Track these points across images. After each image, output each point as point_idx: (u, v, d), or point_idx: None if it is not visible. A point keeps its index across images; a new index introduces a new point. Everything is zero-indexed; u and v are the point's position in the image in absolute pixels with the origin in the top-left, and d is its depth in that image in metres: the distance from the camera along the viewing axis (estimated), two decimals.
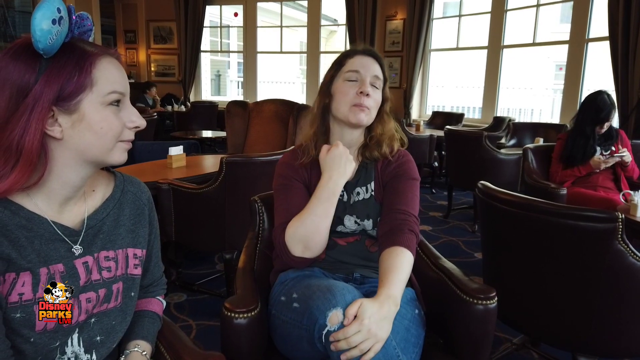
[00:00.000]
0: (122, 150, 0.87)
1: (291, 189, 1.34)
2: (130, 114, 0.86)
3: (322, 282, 1.14)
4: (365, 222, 1.33)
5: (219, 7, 8.98)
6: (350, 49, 1.41)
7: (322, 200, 1.26)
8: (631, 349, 1.57)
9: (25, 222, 0.82)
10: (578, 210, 1.49)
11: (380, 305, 1.02)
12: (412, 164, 1.40)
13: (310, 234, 1.24)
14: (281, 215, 1.31)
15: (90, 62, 0.80)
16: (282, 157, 1.43)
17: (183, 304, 2.59)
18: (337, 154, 1.30)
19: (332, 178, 1.28)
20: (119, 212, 0.96)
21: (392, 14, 7.27)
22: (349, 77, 1.34)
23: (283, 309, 1.19)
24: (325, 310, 1.03)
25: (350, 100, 1.32)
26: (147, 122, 4.35)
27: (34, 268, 0.81)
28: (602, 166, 2.73)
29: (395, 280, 1.10)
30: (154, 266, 1.08)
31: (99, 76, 0.81)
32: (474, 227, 4.00)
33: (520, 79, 9.65)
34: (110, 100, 0.83)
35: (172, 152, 3.02)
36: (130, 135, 0.87)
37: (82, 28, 0.83)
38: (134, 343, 0.99)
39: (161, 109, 7.60)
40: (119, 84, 0.84)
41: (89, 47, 0.82)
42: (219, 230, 2.45)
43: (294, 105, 4.23)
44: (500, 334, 2.26)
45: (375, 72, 1.35)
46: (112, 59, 0.85)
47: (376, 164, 1.39)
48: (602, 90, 2.83)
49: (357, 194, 1.37)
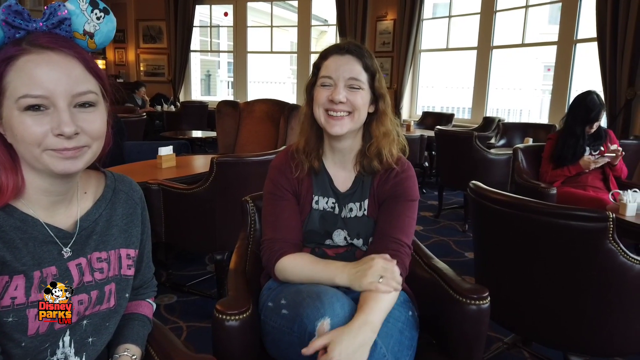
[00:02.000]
0: (56, 160, 0.77)
1: (281, 200, 1.29)
2: (60, 119, 0.75)
3: (312, 288, 1.12)
4: (355, 240, 1.29)
5: (209, 6, 8.94)
6: (327, 48, 1.28)
7: (323, 277, 1.16)
8: (622, 348, 1.58)
9: (20, 224, 0.80)
10: (569, 209, 1.49)
11: (355, 333, 0.98)
12: (411, 181, 1.30)
13: (298, 280, 1.21)
14: (268, 228, 1.29)
15: (6, 64, 0.74)
16: (276, 159, 1.37)
17: (173, 305, 2.57)
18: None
19: (346, 282, 1.13)
20: (111, 212, 0.94)
21: (382, 14, 7.29)
22: (323, 82, 1.23)
23: (272, 315, 1.18)
24: (314, 319, 1.02)
25: (324, 106, 1.22)
26: (137, 122, 4.31)
27: (28, 271, 0.80)
28: (592, 166, 2.76)
29: (376, 308, 1.04)
30: (145, 267, 1.07)
31: (13, 79, 0.74)
32: (464, 226, 4.02)
33: (509, 79, 9.71)
34: (25, 105, 0.74)
35: (161, 152, 3.00)
36: (58, 143, 0.76)
37: (52, 19, 0.78)
38: (123, 347, 0.98)
39: (151, 109, 7.54)
40: (38, 85, 0.74)
41: (26, 44, 0.75)
42: (210, 231, 2.43)
43: (285, 105, 4.21)
44: (492, 334, 2.26)
45: (352, 72, 1.21)
46: (39, 57, 0.75)
47: (373, 178, 1.30)
48: (591, 90, 2.85)
49: (349, 210, 1.30)
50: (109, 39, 0.87)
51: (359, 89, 1.22)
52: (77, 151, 0.78)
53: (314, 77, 1.28)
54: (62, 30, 0.80)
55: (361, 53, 1.23)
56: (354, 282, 1.10)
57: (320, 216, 1.30)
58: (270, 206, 1.30)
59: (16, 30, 0.76)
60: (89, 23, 0.83)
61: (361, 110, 1.23)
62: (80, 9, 0.82)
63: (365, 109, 1.25)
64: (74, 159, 0.78)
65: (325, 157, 1.33)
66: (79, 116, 0.78)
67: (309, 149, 1.30)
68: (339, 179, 1.32)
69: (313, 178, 1.32)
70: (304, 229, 1.30)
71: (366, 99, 1.24)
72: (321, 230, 1.29)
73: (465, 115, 7.52)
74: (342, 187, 1.32)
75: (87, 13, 0.82)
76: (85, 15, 0.82)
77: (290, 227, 1.27)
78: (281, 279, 1.24)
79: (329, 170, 1.33)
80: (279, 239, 1.25)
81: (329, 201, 1.31)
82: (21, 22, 0.76)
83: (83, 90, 0.78)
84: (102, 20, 0.84)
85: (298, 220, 1.30)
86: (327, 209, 1.31)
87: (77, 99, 0.78)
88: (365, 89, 1.23)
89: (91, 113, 0.80)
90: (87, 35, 0.83)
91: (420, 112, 7.04)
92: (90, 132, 0.79)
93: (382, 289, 1.05)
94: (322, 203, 1.31)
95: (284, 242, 1.25)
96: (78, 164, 0.79)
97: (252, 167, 2.37)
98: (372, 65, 1.25)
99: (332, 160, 1.33)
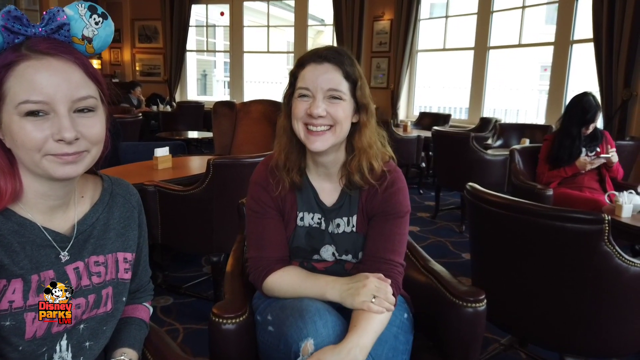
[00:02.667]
0: (56, 165, 0.77)
1: (263, 218, 1.23)
2: (60, 125, 0.75)
3: (296, 304, 1.10)
4: (344, 256, 1.24)
5: (205, 6, 8.93)
6: (305, 55, 1.17)
7: (312, 293, 1.14)
8: (618, 349, 1.58)
9: (18, 228, 0.80)
10: (565, 211, 1.49)
11: (345, 355, 0.97)
12: (401, 194, 1.21)
13: (287, 296, 1.18)
14: (252, 246, 1.24)
15: (6, 70, 0.75)
16: (255, 174, 1.28)
17: (170, 307, 2.56)
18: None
19: (337, 299, 1.11)
20: (109, 216, 0.94)
21: (379, 14, 7.29)
22: (300, 93, 1.14)
23: (260, 330, 1.18)
24: (297, 339, 1.01)
25: (302, 120, 1.13)
26: (132, 123, 4.29)
27: (25, 274, 0.80)
28: (588, 167, 2.77)
29: (368, 329, 1.02)
30: (142, 270, 1.07)
31: (13, 84, 0.75)
32: (461, 227, 4.02)
33: (506, 79, 9.74)
34: (25, 111, 0.74)
35: (158, 154, 2.99)
36: (58, 149, 0.76)
37: (51, 24, 0.78)
38: (120, 351, 0.97)
39: (146, 109, 7.52)
40: (38, 91, 0.74)
41: (25, 50, 0.76)
42: (206, 233, 2.43)
43: (281, 105, 4.21)
44: (488, 335, 2.27)
45: (332, 83, 1.11)
46: (39, 62, 0.75)
47: (360, 192, 1.22)
48: (587, 91, 2.87)
49: (337, 226, 1.23)
50: (107, 44, 0.87)
51: (340, 99, 1.12)
52: (77, 156, 0.78)
53: (291, 88, 1.18)
54: (61, 35, 0.80)
55: (341, 60, 1.13)
56: (345, 299, 1.09)
57: (306, 232, 1.24)
58: (253, 224, 1.24)
59: (15, 36, 0.76)
60: (88, 28, 0.82)
61: (343, 123, 1.13)
62: (79, 14, 0.82)
63: (348, 121, 1.15)
64: (74, 163, 0.79)
65: (309, 170, 1.25)
66: (79, 121, 0.78)
67: (290, 164, 1.21)
68: (325, 192, 1.25)
69: (297, 193, 1.24)
70: (290, 245, 1.25)
71: (348, 111, 1.14)
72: (308, 247, 1.24)
73: (462, 116, 7.54)
74: (328, 201, 1.25)
75: (86, 18, 0.82)
76: (84, 20, 0.82)
77: (275, 244, 1.22)
78: (270, 296, 1.22)
79: (314, 184, 1.25)
80: (263, 257, 1.21)
81: (314, 217, 1.24)
82: (20, 27, 0.76)
83: (83, 95, 0.78)
84: (101, 25, 0.84)
85: (283, 236, 1.24)
86: (313, 224, 1.24)
87: (77, 104, 0.78)
88: (346, 100, 1.13)
89: (91, 118, 0.80)
90: (86, 40, 0.83)
91: (417, 113, 7.06)
92: (90, 137, 0.80)
93: (374, 309, 1.04)
94: (307, 219, 1.24)
95: (269, 260, 1.21)
96: (78, 168, 0.80)
97: (248, 168, 2.36)
98: (353, 73, 1.14)
99: (316, 173, 1.25)
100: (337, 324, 1.05)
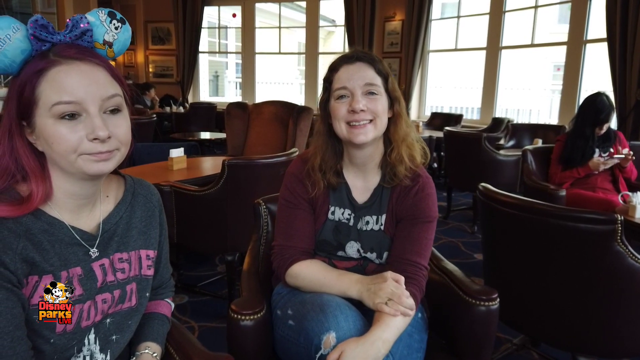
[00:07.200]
0: (90, 162, 0.81)
1: (295, 208, 1.29)
2: (93, 124, 0.79)
3: (316, 299, 1.13)
4: (368, 254, 1.27)
5: (217, 8, 8.99)
6: (335, 60, 1.25)
7: (334, 288, 1.18)
8: (630, 349, 1.58)
9: (47, 227, 0.84)
10: (578, 212, 1.50)
11: (368, 347, 1.00)
12: (430, 199, 1.26)
13: (309, 288, 1.22)
14: (280, 234, 1.30)
15: (38, 76, 0.79)
16: (292, 166, 1.34)
17: (185, 305, 2.60)
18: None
19: (358, 297, 1.15)
20: (131, 215, 0.98)
21: (390, 15, 7.29)
22: (338, 94, 1.21)
23: (279, 324, 1.21)
24: (319, 333, 1.04)
25: (344, 119, 1.20)
26: (146, 124, 4.33)
27: (55, 271, 0.84)
28: (601, 168, 2.75)
29: (391, 325, 1.05)
30: (163, 268, 1.10)
31: (45, 88, 0.79)
32: (473, 228, 4.02)
33: (518, 79, 9.67)
34: (59, 113, 0.78)
35: (173, 154, 3.03)
36: (93, 148, 0.80)
37: (75, 31, 0.83)
38: (144, 345, 1.01)
39: (160, 110, 7.59)
40: (69, 93, 0.78)
41: (54, 56, 0.80)
42: (221, 232, 2.46)
43: (293, 107, 4.24)
44: (500, 335, 2.27)
45: (367, 78, 1.19)
46: (69, 67, 0.79)
47: (392, 192, 1.27)
48: (600, 91, 2.85)
49: (366, 223, 1.28)
50: (125, 47, 0.92)
51: (377, 94, 1.20)
52: (109, 154, 0.83)
53: (326, 93, 1.26)
54: (84, 41, 0.84)
55: (371, 58, 1.22)
56: (366, 299, 1.12)
57: (335, 227, 1.29)
58: (284, 213, 1.30)
59: (42, 43, 0.80)
60: (108, 33, 0.87)
61: (382, 117, 1.21)
62: (100, 20, 0.87)
63: (386, 115, 1.22)
64: (106, 161, 0.83)
65: (346, 168, 1.31)
66: (109, 121, 0.83)
67: (326, 166, 1.27)
68: (357, 190, 1.30)
69: (330, 190, 1.30)
70: (317, 237, 1.29)
71: (385, 105, 1.22)
72: (334, 242, 1.28)
73: (474, 116, 7.51)
74: (360, 198, 1.30)
75: (107, 24, 0.87)
76: (104, 25, 0.87)
77: (303, 235, 1.27)
78: (292, 285, 1.26)
79: (348, 181, 1.30)
80: (290, 246, 1.26)
81: (345, 212, 1.29)
82: (47, 35, 0.81)
83: (112, 93, 0.83)
84: (120, 30, 0.89)
85: (312, 228, 1.29)
86: (342, 220, 1.29)
87: (106, 103, 0.82)
88: (382, 94, 1.21)
89: (119, 118, 0.85)
90: (107, 44, 0.88)
91: (429, 113, 7.04)
92: (119, 136, 0.84)
93: (386, 311, 1.06)
94: (337, 214, 1.29)
95: (295, 249, 1.26)
96: (109, 165, 0.84)
97: (262, 169, 2.40)
98: (383, 68, 1.23)
99: (352, 171, 1.31)
100: (358, 319, 1.08)
